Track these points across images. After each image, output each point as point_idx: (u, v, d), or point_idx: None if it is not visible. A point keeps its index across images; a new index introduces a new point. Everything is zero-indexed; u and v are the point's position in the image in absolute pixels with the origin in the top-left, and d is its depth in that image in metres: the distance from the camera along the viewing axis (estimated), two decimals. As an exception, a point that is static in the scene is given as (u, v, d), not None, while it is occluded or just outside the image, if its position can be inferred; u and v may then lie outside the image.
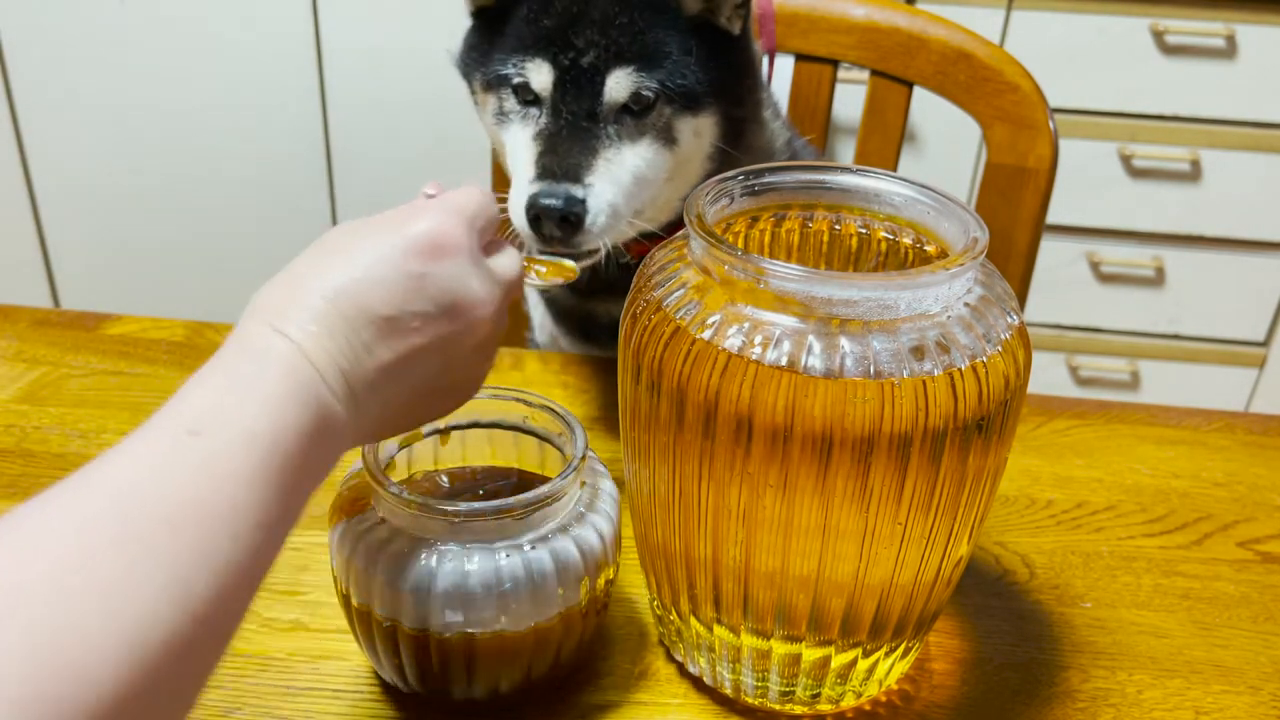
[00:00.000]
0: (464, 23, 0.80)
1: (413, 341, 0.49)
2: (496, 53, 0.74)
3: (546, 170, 0.70)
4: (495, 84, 0.75)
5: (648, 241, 0.78)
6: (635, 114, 0.72)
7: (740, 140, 0.79)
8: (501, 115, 0.76)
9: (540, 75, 0.72)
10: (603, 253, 0.73)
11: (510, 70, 0.73)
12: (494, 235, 0.56)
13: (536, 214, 0.69)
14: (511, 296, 0.56)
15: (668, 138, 0.74)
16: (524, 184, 0.71)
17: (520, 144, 0.74)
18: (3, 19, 1.83)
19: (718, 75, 0.74)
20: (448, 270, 0.50)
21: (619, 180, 0.71)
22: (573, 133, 0.71)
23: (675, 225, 0.79)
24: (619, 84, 0.71)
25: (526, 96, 0.74)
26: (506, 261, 0.56)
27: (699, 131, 0.75)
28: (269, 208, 1.97)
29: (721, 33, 0.75)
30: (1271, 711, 0.62)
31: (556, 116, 0.72)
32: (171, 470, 0.40)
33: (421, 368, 0.50)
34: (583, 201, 0.69)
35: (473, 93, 0.80)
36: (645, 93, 0.72)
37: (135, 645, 0.35)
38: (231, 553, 0.39)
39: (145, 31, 1.83)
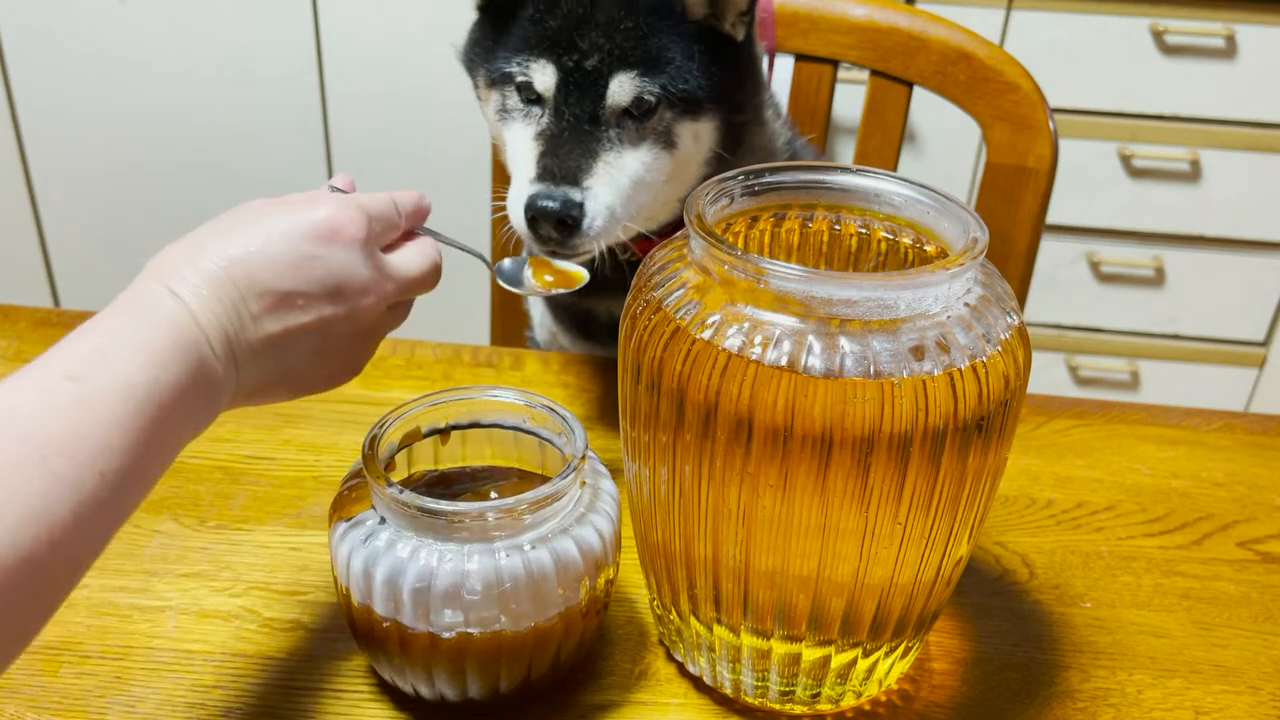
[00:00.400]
0: (465, 20, 0.80)
1: (297, 318, 0.52)
2: (501, 50, 0.75)
3: (546, 172, 0.70)
4: (499, 81, 0.75)
5: (650, 240, 0.78)
6: (636, 118, 0.72)
7: (739, 144, 0.79)
8: (504, 112, 0.76)
9: (544, 76, 0.72)
10: (597, 253, 0.73)
11: (514, 69, 0.73)
12: (395, 236, 0.59)
13: (534, 215, 0.69)
14: (412, 293, 0.59)
15: (667, 142, 0.74)
16: (523, 184, 0.71)
17: (521, 143, 0.74)
18: (3, 19, 1.83)
19: (720, 80, 0.74)
20: (339, 256, 0.53)
21: (618, 184, 0.71)
22: (574, 135, 0.71)
23: (671, 226, 0.79)
24: (622, 88, 0.71)
25: (529, 96, 0.74)
26: (407, 258, 0.59)
27: (699, 136, 0.75)
28: (269, 207, 1.97)
29: (725, 38, 0.75)
30: (1271, 711, 0.62)
31: (558, 118, 0.72)
32: (49, 407, 0.42)
33: (303, 344, 0.53)
34: (580, 205, 0.69)
35: (476, 87, 0.80)
36: (647, 97, 0.72)
37: None
38: (97, 490, 0.41)
39: (145, 31, 1.83)
